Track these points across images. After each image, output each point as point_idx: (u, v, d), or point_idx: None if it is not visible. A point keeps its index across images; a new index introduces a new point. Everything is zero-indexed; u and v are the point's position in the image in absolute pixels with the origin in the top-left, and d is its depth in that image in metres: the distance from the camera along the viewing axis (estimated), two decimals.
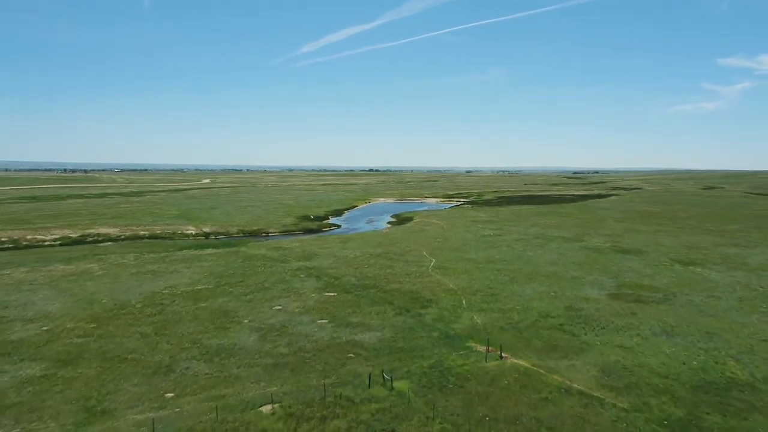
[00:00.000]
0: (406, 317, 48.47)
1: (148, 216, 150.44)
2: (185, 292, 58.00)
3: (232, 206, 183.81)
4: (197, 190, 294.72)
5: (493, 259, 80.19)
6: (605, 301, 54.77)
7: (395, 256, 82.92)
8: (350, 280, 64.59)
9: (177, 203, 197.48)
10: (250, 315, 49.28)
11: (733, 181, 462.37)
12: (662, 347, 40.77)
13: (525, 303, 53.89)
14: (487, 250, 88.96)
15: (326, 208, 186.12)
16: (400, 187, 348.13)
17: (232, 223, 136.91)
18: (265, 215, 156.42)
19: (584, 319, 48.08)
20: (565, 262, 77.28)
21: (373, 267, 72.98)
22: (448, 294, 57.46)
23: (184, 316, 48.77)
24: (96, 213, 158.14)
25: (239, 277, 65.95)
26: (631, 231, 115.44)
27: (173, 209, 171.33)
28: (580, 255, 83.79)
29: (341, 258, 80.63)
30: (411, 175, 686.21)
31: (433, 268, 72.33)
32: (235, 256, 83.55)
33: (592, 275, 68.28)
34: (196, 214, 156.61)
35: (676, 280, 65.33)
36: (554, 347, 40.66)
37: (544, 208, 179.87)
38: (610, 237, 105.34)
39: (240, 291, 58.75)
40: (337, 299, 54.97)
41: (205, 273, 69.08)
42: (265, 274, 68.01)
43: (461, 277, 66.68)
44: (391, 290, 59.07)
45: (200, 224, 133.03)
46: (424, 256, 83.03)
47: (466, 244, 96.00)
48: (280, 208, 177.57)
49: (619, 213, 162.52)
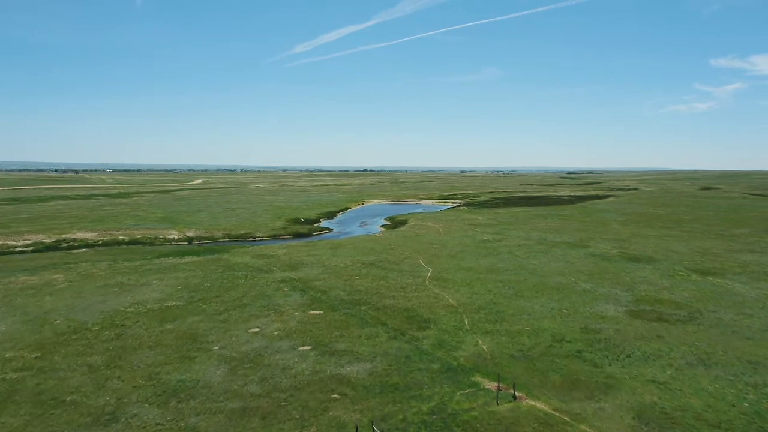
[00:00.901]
0: (401, 342, 42.19)
1: (130, 219, 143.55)
2: (152, 311, 51.46)
3: (220, 208, 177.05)
4: (187, 191, 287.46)
5: (494, 268, 74.06)
6: (624, 320, 48.70)
7: (389, 264, 76.64)
8: (339, 294, 58.23)
9: (163, 205, 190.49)
10: (222, 340, 42.86)
11: (728, 181, 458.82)
12: (702, 382, 34.70)
13: (535, 323, 47.74)
14: (488, 257, 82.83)
15: (318, 210, 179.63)
16: (395, 187, 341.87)
17: (218, 227, 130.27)
18: (254, 218, 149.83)
19: (605, 344, 41.97)
20: (572, 272, 71.26)
21: (364, 278, 66.66)
22: (448, 311, 51.25)
23: (144, 342, 42.27)
24: (76, 216, 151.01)
25: (216, 291, 59.44)
26: (638, 235, 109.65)
27: (158, 212, 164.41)
28: (587, 263, 77.79)
29: (330, 267, 74.26)
30: (405, 176, 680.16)
31: (430, 280, 66.11)
32: (216, 265, 77.03)
33: (604, 287, 62.26)
34: (182, 217, 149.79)
35: (698, 293, 59.37)
36: (575, 383, 34.50)
37: (544, 210, 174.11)
38: (617, 242, 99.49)
39: (214, 308, 52.27)
40: (323, 319, 48.63)
41: (179, 286, 62.53)
42: (246, 287, 61.53)
43: (461, 290, 60.48)
44: (385, 307, 52.78)
45: (184, 228, 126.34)
46: (420, 264, 76.80)
47: (464, 250, 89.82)
48: (270, 211, 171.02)
49: (620, 215, 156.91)
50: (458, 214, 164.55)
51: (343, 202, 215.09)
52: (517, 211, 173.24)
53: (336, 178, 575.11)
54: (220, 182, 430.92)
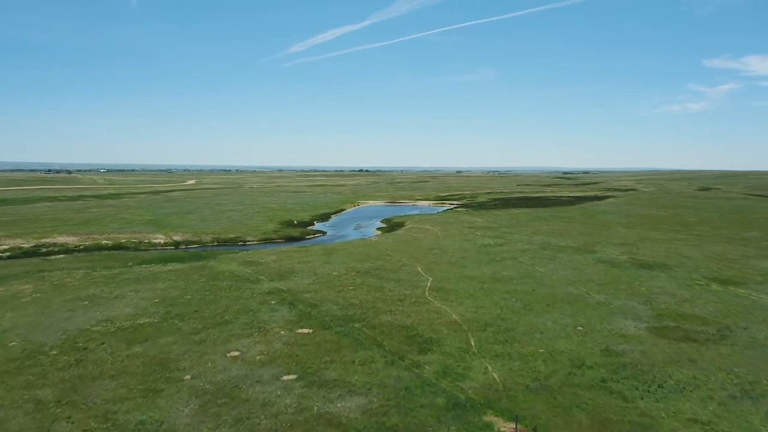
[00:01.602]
0: (401, 369, 37.02)
1: (116, 222, 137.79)
2: (121, 329, 46.12)
3: (210, 210, 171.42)
4: (179, 192, 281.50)
5: (499, 276, 69.01)
6: (649, 340, 43.71)
7: (385, 273, 71.48)
8: (331, 308, 53.02)
9: (153, 207, 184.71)
10: (196, 366, 37.58)
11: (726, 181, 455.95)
12: (753, 421, 29.72)
13: (549, 343, 42.69)
14: (490, 264, 77.77)
15: (312, 212, 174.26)
16: (391, 188, 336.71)
17: (207, 230, 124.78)
18: (245, 221, 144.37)
19: (631, 371, 36.94)
20: (583, 281, 66.29)
21: (359, 289, 61.46)
22: (452, 329, 46.14)
23: (107, 370, 36.96)
24: (60, 219, 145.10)
25: (195, 305, 54.11)
26: (645, 239, 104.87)
27: (146, 214, 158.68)
28: (597, 271, 72.86)
29: (323, 276, 69.03)
30: (401, 176, 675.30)
31: (430, 291, 60.98)
32: (199, 273, 71.68)
33: (620, 299, 57.29)
34: (170, 220, 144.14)
35: (722, 306, 54.47)
36: (605, 423, 29.45)
37: (544, 212, 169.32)
38: (625, 247, 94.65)
39: (191, 326, 46.97)
40: (312, 339, 43.41)
41: (156, 299, 57.15)
42: (229, 300, 56.23)
43: (465, 302, 55.38)
44: (381, 324, 47.61)
45: (171, 232, 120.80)
46: (418, 272, 71.68)
47: (465, 256, 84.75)
48: (262, 213, 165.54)
49: (623, 217, 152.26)
50: (456, 216, 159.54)
51: (338, 204, 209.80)
52: (516, 212, 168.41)
53: (331, 178, 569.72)
54: (214, 183, 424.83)
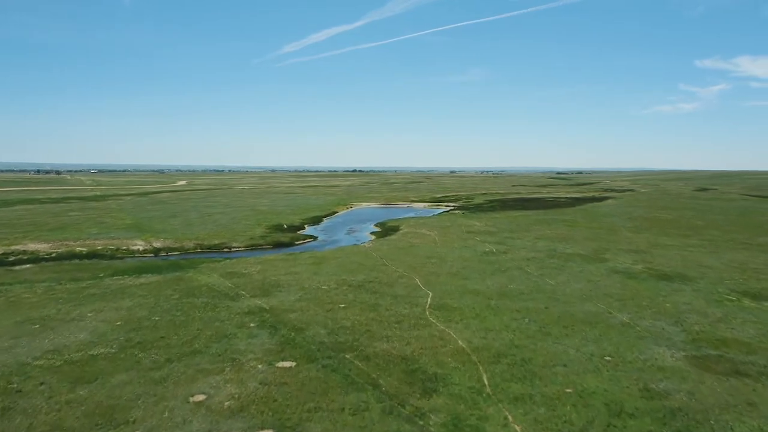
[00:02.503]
0: (401, 421, 30.16)
1: (95, 227, 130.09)
2: (70, 363, 39.00)
3: (197, 214, 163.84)
4: (168, 194, 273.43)
5: (506, 290, 62.31)
6: (692, 375, 37.12)
7: (380, 286, 64.61)
8: (318, 333, 46.09)
9: (137, 210, 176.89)
10: (149, 418, 30.56)
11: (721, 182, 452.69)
12: None
13: (577, 380, 36.00)
14: (495, 275, 71.10)
15: (303, 215, 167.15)
16: (385, 189, 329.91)
17: (191, 235, 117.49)
18: (232, 225, 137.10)
19: (683, 421, 30.29)
20: (600, 296, 59.73)
21: (351, 308, 54.56)
22: (460, 361, 39.36)
23: (37, 425, 29.81)
24: (36, 223, 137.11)
25: (163, 330, 47.04)
26: (656, 245, 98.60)
27: (128, 218, 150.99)
28: (613, 283, 66.35)
29: (310, 291, 62.07)
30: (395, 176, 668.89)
31: (431, 309, 54.20)
32: (174, 287, 64.54)
33: (646, 319, 50.75)
34: (152, 224, 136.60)
35: (763, 328, 47.99)
36: None
37: (544, 215, 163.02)
38: (636, 254, 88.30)
39: (153, 359, 39.93)
40: (294, 377, 36.48)
41: (119, 321, 50.01)
42: (202, 323, 49.17)
43: (471, 324, 48.64)
44: (376, 355, 40.75)
45: (152, 238, 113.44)
46: (417, 286, 64.90)
47: (467, 266, 78.05)
48: (251, 216, 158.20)
49: (627, 220, 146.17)
50: (453, 219, 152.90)
51: (330, 206, 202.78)
52: (516, 215, 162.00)
53: (325, 179, 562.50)
54: (205, 184, 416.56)
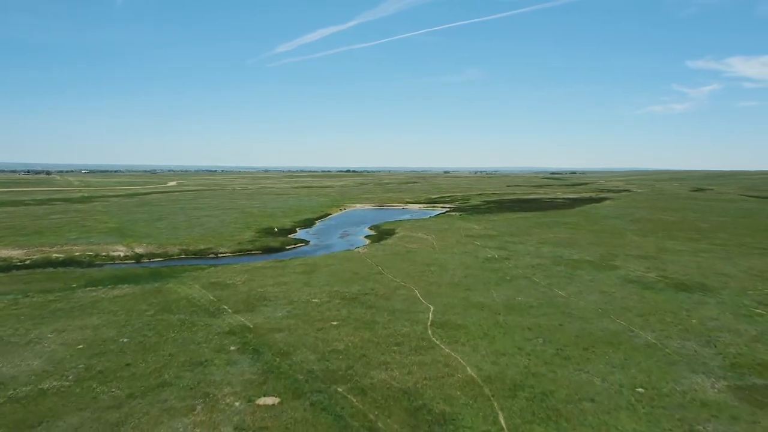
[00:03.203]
0: None
1: (75, 231, 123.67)
2: (13, 402, 33.13)
3: (184, 216, 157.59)
4: (157, 195, 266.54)
5: (514, 303, 56.95)
6: (744, 413, 31.83)
7: (376, 299, 59.10)
8: (307, 358, 40.48)
9: (122, 212, 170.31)
10: None
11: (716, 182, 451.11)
12: None
13: (609, 421, 30.63)
14: (500, 286, 65.75)
15: (295, 217, 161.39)
16: (379, 189, 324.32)
17: (176, 240, 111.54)
18: (220, 228, 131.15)
19: None
20: (617, 310, 54.49)
21: (344, 325, 49.00)
22: (470, 396, 33.89)
23: None
24: (13, 227, 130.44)
25: (129, 355, 41.27)
26: (666, 250, 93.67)
27: (112, 221, 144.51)
28: (629, 294, 61.16)
29: (300, 305, 56.45)
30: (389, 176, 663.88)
31: (433, 326, 48.76)
32: (150, 301, 58.73)
33: (673, 338, 45.52)
34: (136, 227, 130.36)
35: None
36: None
37: (543, 217, 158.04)
38: (647, 260, 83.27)
39: (113, 395, 34.19)
40: (277, 419, 30.86)
41: (81, 344, 44.18)
42: (175, 346, 43.46)
43: (480, 346, 43.22)
44: (374, 387, 35.21)
45: (134, 243, 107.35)
46: (416, 298, 59.45)
47: (468, 274, 72.68)
48: (241, 219, 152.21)
49: (630, 223, 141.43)
50: (451, 221, 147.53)
51: (323, 207, 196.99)
52: (515, 217, 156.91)
53: (318, 179, 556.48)
54: (196, 184, 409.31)
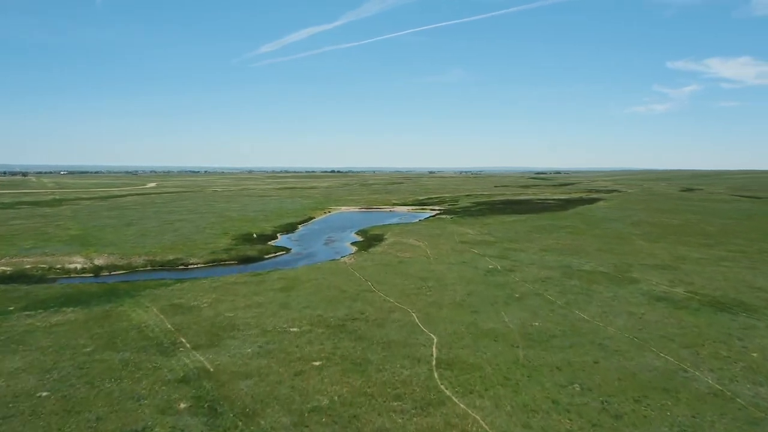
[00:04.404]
0: None
1: (31, 239, 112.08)
2: None
3: (156, 221, 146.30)
4: (132, 197, 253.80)
5: (532, 331, 47.68)
6: None
7: (368, 326, 49.44)
8: (278, 424, 30.69)
9: (90, 217, 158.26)
10: None
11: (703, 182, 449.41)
12: None
13: None
14: (511, 306, 56.50)
15: (276, 221, 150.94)
16: (364, 191, 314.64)
17: (142, 249, 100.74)
18: (194, 234, 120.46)
19: None
20: (655, 339, 45.52)
21: (329, 367, 39.28)
22: None
23: None
24: None
25: (43, 420, 30.96)
26: (684, 259, 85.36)
27: (75, 227, 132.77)
28: (663, 317, 52.25)
29: (275, 336, 46.56)
30: (374, 177, 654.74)
31: (440, 368, 39.25)
32: (94, 331, 48.37)
33: (740, 382, 36.57)
34: (101, 234, 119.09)
35: None
36: None
37: (538, 219, 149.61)
38: (667, 271, 74.82)
39: None
40: None
41: None
42: (107, 405, 33.24)
43: (503, 399, 33.82)
44: None
45: (95, 253, 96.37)
46: (415, 324, 49.96)
47: (472, 291, 63.37)
48: (218, 224, 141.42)
49: (631, 226, 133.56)
50: (443, 225, 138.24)
51: (306, 210, 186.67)
52: (510, 221, 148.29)
53: (302, 180, 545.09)
54: (175, 186, 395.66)
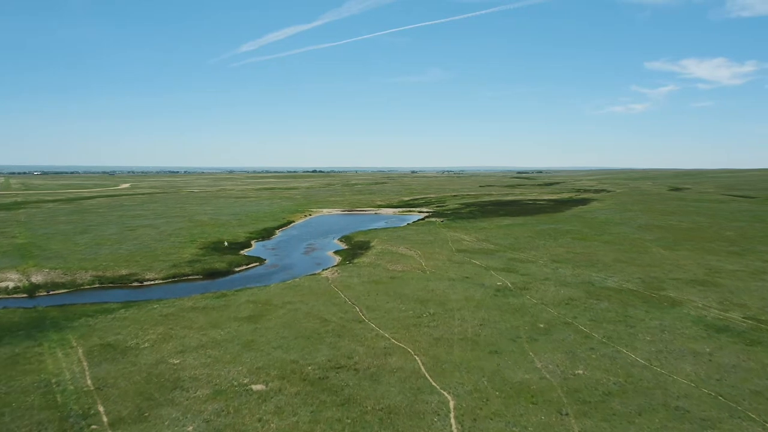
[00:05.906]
0: None
1: None
2: None
3: (116, 227, 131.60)
4: (100, 199, 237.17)
5: (580, 386, 35.55)
6: None
7: (358, 380, 36.84)
8: None
9: (44, 223, 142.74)
10: None
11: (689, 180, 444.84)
12: None
13: None
14: (539, 342, 44.43)
15: (251, 226, 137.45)
16: (347, 192, 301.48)
17: (92, 262, 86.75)
18: (156, 243, 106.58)
19: None
20: (745, 396, 33.76)
21: None
22: None
23: None
24: None
25: None
26: (718, 271, 74.28)
27: (24, 235, 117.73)
28: (737, 357, 40.58)
29: (230, 401, 33.58)
30: (356, 177, 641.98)
31: None
32: None
33: None
34: (49, 244, 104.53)
35: None
36: None
37: (537, 223, 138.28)
38: (708, 289, 63.54)
39: None
40: None
41: None
42: None
43: None
44: None
45: (34, 267, 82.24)
46: (420, 375, 37.52)
47: (484, 321, 51.16)
48: (186, 229, 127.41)
49: (639, 230, 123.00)
50: (434, 231, 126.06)
51: (285, 213, 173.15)
52: (506, 224, 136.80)
53: (283, 180, 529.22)
54: (150, 186, 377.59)
